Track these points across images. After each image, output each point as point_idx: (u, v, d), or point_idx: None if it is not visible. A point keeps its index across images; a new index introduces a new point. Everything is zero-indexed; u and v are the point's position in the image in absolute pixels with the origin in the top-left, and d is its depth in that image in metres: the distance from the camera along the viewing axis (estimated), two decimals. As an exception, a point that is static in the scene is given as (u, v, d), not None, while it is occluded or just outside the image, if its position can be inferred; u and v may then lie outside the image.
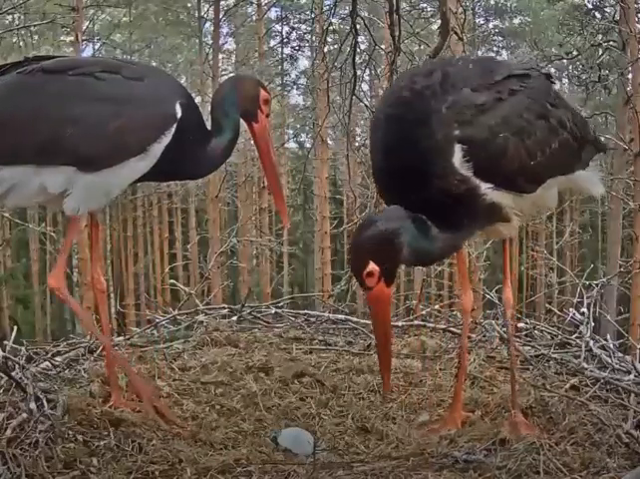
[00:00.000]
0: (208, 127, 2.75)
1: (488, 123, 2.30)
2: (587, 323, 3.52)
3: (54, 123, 2.51)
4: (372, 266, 2.24)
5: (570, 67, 16.14)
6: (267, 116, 2.81)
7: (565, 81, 17.67)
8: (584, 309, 3.67)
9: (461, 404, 2.77)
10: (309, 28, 18.28)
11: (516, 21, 21.58)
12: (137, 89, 2.60)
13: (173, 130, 2.58)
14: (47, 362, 3.26)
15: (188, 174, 2.89)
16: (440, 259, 2.66)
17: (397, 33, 5.89)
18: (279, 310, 4.21)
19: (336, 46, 11.95)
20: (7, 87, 2.59)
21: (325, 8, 8.84)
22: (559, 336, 3.62)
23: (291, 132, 23.97)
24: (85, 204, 2.64)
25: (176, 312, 4.22)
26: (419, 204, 2.29)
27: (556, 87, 2.69)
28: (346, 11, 8.30)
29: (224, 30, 18.61)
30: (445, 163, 2.26)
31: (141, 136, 2.55)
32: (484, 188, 2.33)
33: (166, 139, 2.57)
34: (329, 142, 18.63)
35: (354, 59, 6.49)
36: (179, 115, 2.58)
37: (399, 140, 2.34)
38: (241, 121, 2.77)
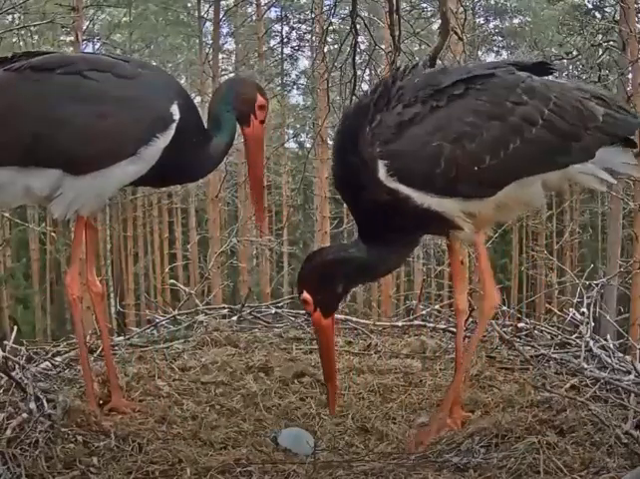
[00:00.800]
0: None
1: (417, 134, 2.34)
2: (587, 323, 3.52)
3: (38, 123, 2.41)
4: (305, 296, 2.51)
5: (570, 67, 16.15)
6: (262, 122, 2.70)
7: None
8: (584, 309, 3.67)
9: (459, 405, 2.76)
10: (309, 28, 18.29)
11: (516, 21, 21.59)
12: (128, 88, 2.49)
13: (172, 132, 2.48)
14: (47, 362, 3.26)
15: (189, 176, 2.80)
16: (388, 274, 2.87)
17: (397, 33, 5.89)
18: (279, 310, 4.21)
19: (336, 46, 11.97)
20: None
21: (325, 8, 8.85)
22: (559, 336, 3.62)
23: (291, 132, 23.99)
24: (73, 207, 2.54)
25: (176, 312, 4.22)
26: (360, 215, 2.53)
27: (539, 78, 2.54)
28: (346, 11, 8.31)
29: (224, 30, 18.64)
30: (372, 177, 2.36)
31: (130, 138, 2.45)
32: (418, 197, 2.35)
33: (163, 141, 2.47)
34: (329, 142, 18.63)
35: (354, 59, 6.48)
36: (178, 116, 2.49)
37: (340, 154, 2.53)
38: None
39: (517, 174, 2.45)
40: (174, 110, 2.49)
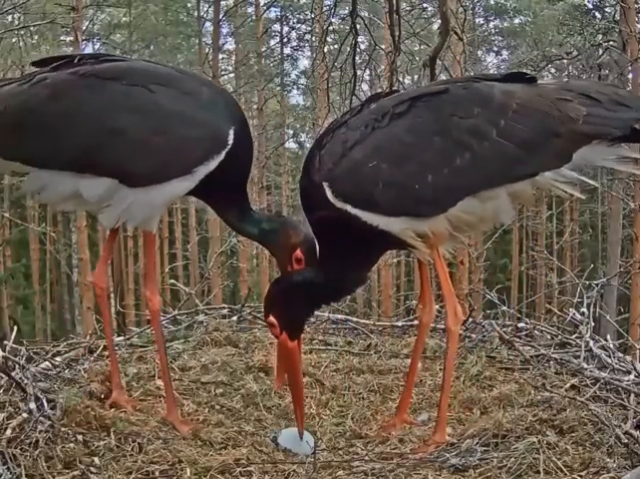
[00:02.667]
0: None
1: (356, 157, 2.36)
2: (587, 323, 3.52)
3: (100, 132, 2.41)
4: (271, 319, 2.59)
5: (570, 67, 16.15)
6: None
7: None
8: (584, 309, 3.67)
9: (405, 410, 2.78)
10: (309, 28, 18.28)
11: (516, 21, 21.60)
12: (191, 106, 2.48)
13: (222, 157, 2.48)
14: (47, 362, 3.25)
15: (214, 205, 2.75)
16: (352, 292, 2.85)
17: (397, 33, 5.90)
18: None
19: (336, 46, 11.97)
20: (55, 87, 2.46)
21: (325, 8, 8.84)
22: (559, 336, 3.62)
23: (291, 132, 23.99)
24: (123, 218, 2.57)
25: (176, 312, 4.22)
26: (320, 237, 2.55)
27: (505, 85, 2.41)
28: (346, 11, 8.31)
29: (224, 30, 18.62)
30: (322, 198, 2.40)
31: (189, 156, 2.45)
32: (366, 217, 2.36)
33: (214, 164, 2.47)
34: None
35: (354, 59, 6.49)
36: (231, 142, 2.48)
37: (300, 179, 2.60)
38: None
39: (469, 189, 2.35)
40: (230, 135, 2.49)
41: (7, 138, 2.48)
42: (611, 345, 3.31)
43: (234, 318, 4.14)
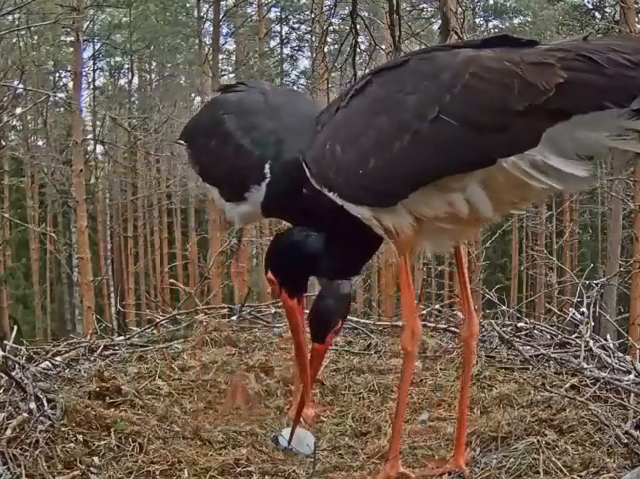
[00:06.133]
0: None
1: (320, 138, 2.23)
2: (587, 323, 3.52)
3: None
4: (269, 275, 2.58)
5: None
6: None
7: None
8: (584, 309, 3.67)
9: (461, 453, 2.41)
10: (309, 28, 18.29)
11: (516, 21, 21.59)
12: (242, 138, 2.70)
13: (263, 189, 2.61)
14: (47, 362, 3.26)
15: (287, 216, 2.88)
16: (343, 275, 2.61)
17: (397, 33, 5.91)
18: (279, 310, 4.21)
19: (336, 46, 11.97)
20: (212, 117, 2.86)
21: (325, 8, 8.85)
22: (559, 336, 3.62)
23: (291, 132, 23.90)
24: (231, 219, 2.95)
25: (176, 312, 4.22)
26: (322, 212, 2.41)
27: (470, 50, 1.99)
28: (346, 11, 8.31)
29: (224, 30, 18.62)
30: (304, 175, 2.32)
31: (238, 183, 2.69)
32: (338, 200, 2.20)
33: (259, 194, 2.63)
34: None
35: (354, 59, 6.50)
36: (269, 176, 2.59)
37: None
38: None
39: (416, 176, 2.00)
40: (267, 168, 2.61)
41: None
42: (611, 345, 3.31)
43: (234, 318, 4.15)
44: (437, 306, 4.41)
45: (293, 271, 2.57)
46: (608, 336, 3.44)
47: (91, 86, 22.13)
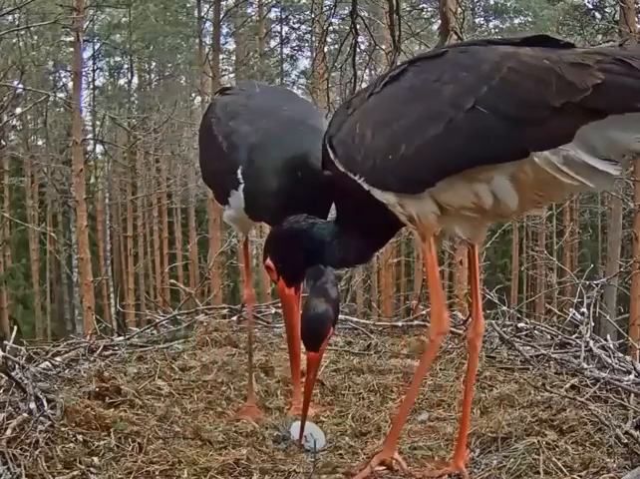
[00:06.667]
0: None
1: (350, 123, 2.23)
2: (587, 323, 3.52)
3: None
4: (268, 262, 2.56)
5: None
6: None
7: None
8: (584, 309, 3.67)
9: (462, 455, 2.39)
10: (309, 28, 18.29)
11: (516, 21, 21.60)
12: (221, 143, 2.71)
13: (241, 194, 2.62)
14: (47, 362, 3.26)
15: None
16: (351, 264, 2.63)
17: (397, 33, 5.91)
18: (279, 310, 4.21)
19: (336, 46, 11.97)
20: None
21: (325, 8, 8.85)
22: (559, 336, 3.62)
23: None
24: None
25: (176, 312, 4.23)
26: (338, 199, 2.43)
27: (505, 48, 2.03)
28: (346, 11, 8.31)
29: (224, 30, 18.62)
30: (329, 158, 2.30)
31: (220, 188, 2.75)
32: (363, 184, 2.18)
33: (238, 199, 2.65)
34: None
35: (354, 59, 6.50)
36: (242, 183, 2.60)
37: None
38: None
39: (445, 166, 2.03)
40: (239, 174, 2.61)
41: None
42: (611, 345, 3.31)
43: (234, 318, 4.15)
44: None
45: (293, 259, 2.53)
46: (608, 336, 3.44)
47: (91, 86, 22.14)
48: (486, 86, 1.94)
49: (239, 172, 2.59)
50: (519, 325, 3.83)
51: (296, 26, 21.76)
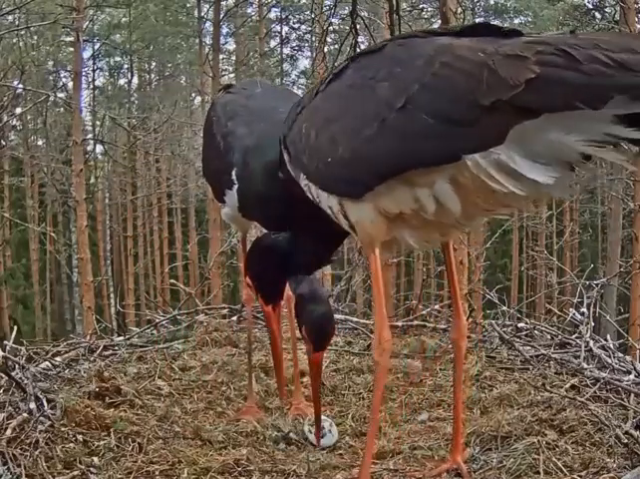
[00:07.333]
0: None
1: (299, 121, 2.14)
2: (587, 323, 3.52)
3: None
4: (247, 279, 2.62)
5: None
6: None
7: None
8: (584, 309, 3.67)
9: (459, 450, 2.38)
10: (309, 28, 18.29)
11: (516, 21, 21.59)
12: (220, 143, 2.73)
13: (235, 195, 2.64)
14: (47, 362, 3.26)
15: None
16: (315, 267, 2.61)
17: (397, 33, 5.90)
18: (279, 310, 4.21)
19: (336, 46, 11.97)
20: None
21: (325, 8, 8.84)
22: (559, 336, 3.62)
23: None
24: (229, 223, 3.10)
25: (176, 312, 4.23)
26: (291, 204, 2.37)
27: (448, 39, 1.87)
28: (346, 11, 8.31)
29: (224, 30, 18.62)
30: (283, 159, 2.26)
31: (218, 187, 2.76)
32: (311, 187, 2.10)
33: (231, 197, 2.67)
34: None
35: (354, 59, 6.48)
36: (236, 184, 2.62)
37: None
38: None
39: (382, 169, 1.89)
40: (234, 175, 2.63)
41: None
42: (611, 345, 3.31)
43: (234, 318, 4.15)
44: (437, 306, 4.40)
45: (267, 278, 2.58)
46: (608, 336, 3.44)
47: (91, 86, 22.14)
48: (418, 83, 1.79)
49: (234, 173, 2.61)
50: (519, 325, 3.83)
51: (296, 26, 21.77)
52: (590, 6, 15.15)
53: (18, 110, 17.01)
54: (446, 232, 2.19)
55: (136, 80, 24.54)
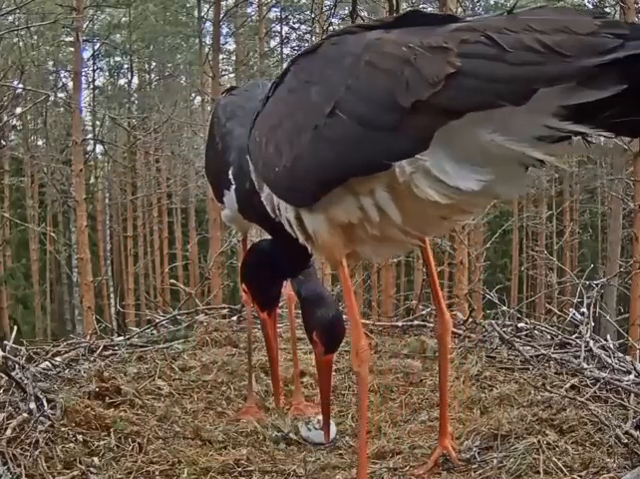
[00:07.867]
0: None
1: (254, 130, 2.07)
2: (587, 323, 3.52)
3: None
4: (243, 287, 2.69)
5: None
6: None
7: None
8: (584, 309, 3.67)
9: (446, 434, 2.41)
10: (309, 28, 18.28)
11: (516, 21, 21.57)
12: (218, 143, 2.78)
13: (233, 195, 2.67)
14: (47, 362, 3.26)
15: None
16: (297, 269, 2.58)
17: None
18: (279, 310, 4.20)
19: (336, 46, 11.92)
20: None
21: (325, 8, 8.85)
22: (559, 336, 3.62)
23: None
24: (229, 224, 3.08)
25: (176, 312, 4.23)
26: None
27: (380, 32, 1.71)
28: (346, 11, 8.32)
29: (224, 30, 18.61)
30: (247, 168, 2.25)
31: (217, 188, 2.80)
32: (275, 198, 2.02)
33: (230, 198, 2.70)
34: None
35: (354, 59, 6.48)
36: (234, 184, 2.64)
37: None
38: None
39: (321, 177, 1.78)
40: (230, 175, 2.66)
41: None
42: (611, 345, 3.31)
43: (234, 318, 4.15)
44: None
45: (260, 285, 2.63)
46: (608, 336, 3.44)
47: (91, 86, 22.13)
48: (344, 86, 1.67)
49: (230, 172, 2.64)
50: (519, 325, 3.83)
51: (296, 26, 21.74)
52: (590, 6, 15.14)
53: (18, 110, 17.01)
54: (406, 243, 2.05)
55: (136, 80, 24.54)
